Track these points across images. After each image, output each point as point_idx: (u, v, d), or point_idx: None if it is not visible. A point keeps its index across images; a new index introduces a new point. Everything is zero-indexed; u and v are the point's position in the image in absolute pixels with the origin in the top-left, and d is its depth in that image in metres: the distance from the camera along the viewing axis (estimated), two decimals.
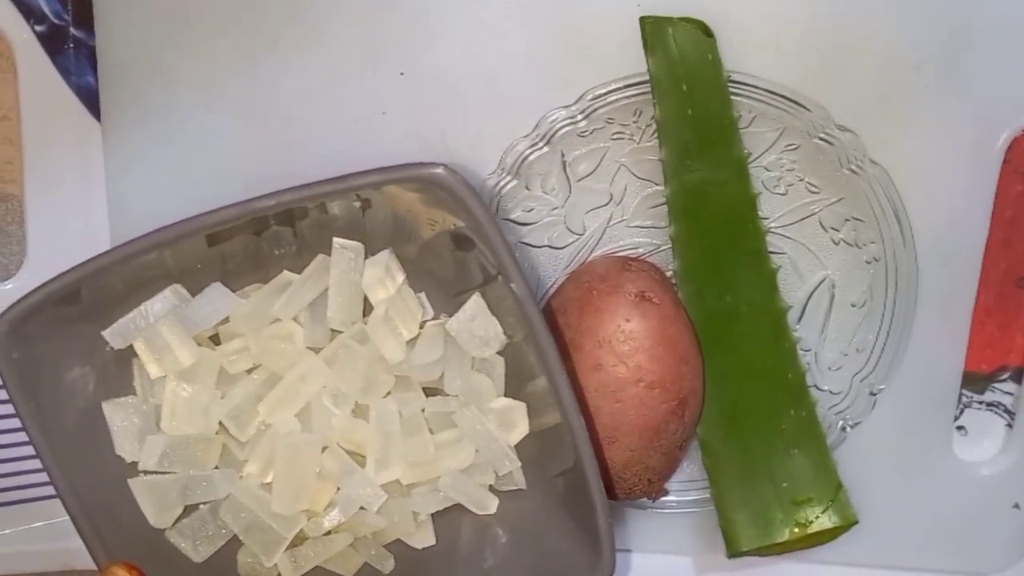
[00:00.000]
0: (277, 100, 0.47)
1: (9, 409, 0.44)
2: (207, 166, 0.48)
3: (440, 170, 0.42)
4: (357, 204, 0.45)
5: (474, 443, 0.45)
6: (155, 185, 0.48)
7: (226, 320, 0.46)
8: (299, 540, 0.47)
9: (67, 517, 0.45)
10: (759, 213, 0.46)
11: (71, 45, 0.48)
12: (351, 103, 0.46)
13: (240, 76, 0.46)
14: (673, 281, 0.47)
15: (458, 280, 0.46)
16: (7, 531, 0.52)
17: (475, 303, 0.45)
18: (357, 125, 0.47)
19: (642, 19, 0.44)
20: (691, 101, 0.44)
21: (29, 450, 0.47)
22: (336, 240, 0.45)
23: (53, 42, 0.47)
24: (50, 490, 0.47)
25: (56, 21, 0.47)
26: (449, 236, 0.45)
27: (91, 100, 0.48)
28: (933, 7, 0.44)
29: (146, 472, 0.46)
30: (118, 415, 0.46)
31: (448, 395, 0.46)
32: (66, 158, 0.48)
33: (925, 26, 0.44)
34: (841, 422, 0.48)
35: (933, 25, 0.44)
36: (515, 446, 0.46)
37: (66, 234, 0.49)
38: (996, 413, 0.50)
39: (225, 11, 0.46)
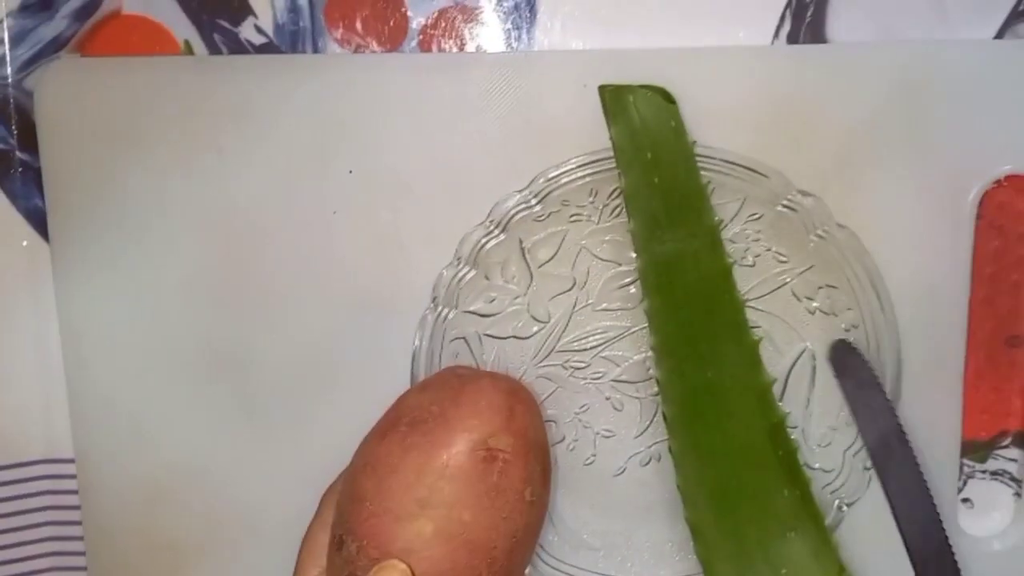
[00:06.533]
0: (228, 207, 0.46)
1: None
2: (160, 281, 0.47)
3: None
4: None
5: None
6: (107, 304, 0.47)
7: None
8: None
9: None
10: (735, 283, 0.44)
11: (18, 169, 0.47)
12: (302, 205, 0.46)
13: (189, 188, 0.46)
14: (647, 363, 0.45)
15: None
16: None
17: None
18: (310, 226, 0.46)
19: (601, 88, 0.43)
20: (657, 169, 0.43)
21: None
22: None
23: None
24: None
25: (1, 146, 0.47)
26: None
27: (40, 223, 0.47)
28: (889, 69, 0.44)
29: None
30: None
31: None
32: (17, 284, 0.48)
33: (881, 85, 0.44)
34: (837, 501, 0.46)
35: (889, 84, 0.44)
36: None
37: (18, 364, 0.48)
38: (1002, 482, 0.47)
39: (168, 125, 0.45)
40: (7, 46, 0.46)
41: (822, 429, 0.46)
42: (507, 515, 0.41)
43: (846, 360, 0.45)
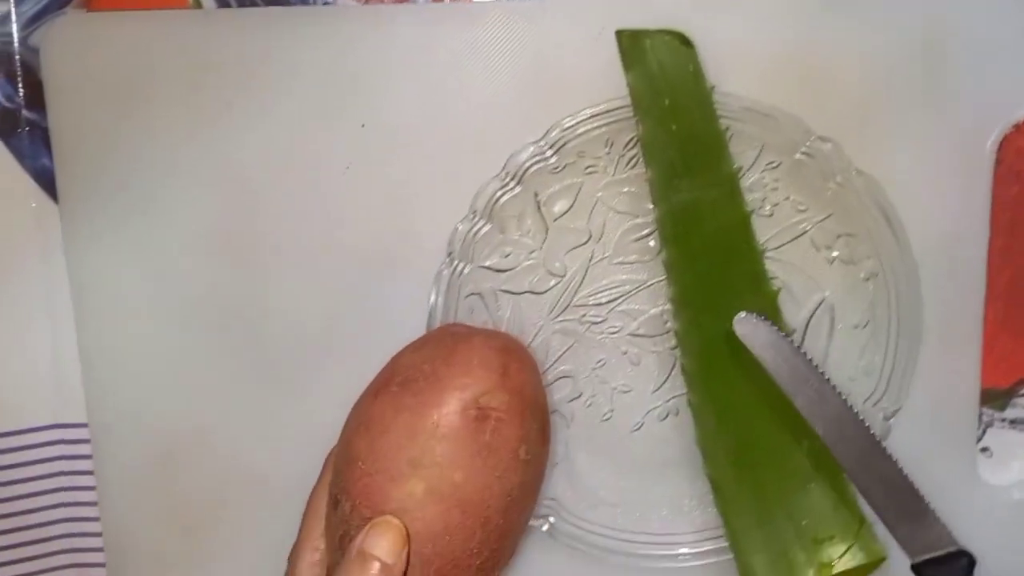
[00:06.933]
0: (238, 164, 0.45)
1: None
2: (170, 241, 0.46)
3: None
4: None
5: None
6: (118, 265, 0.46)
7: None
8: None
9: None
10: (753, 233, 0.44)
11: (25, 128, 0.46)
12: (313, 159, 0.45)
13: (197, 144, 0.45)
14: (664, 317, 0.45)
15: None
16: None
17: None
18: (321, 182, 0.45)
19: (618, 32, 0.43)
20: (674, 116, 0.43)
21: None
22: None
23: (6, 126, 0.46)
24: None
25: (8, 105, 0.46)
26: None
27: (48, 183, 0.47)
28: (907, 14, 0.43)
29: None
30: None
31: None
32: (26, 244, 0.47)
33: (899, 31, 0.43)
34: None
35: (908, 29, 0.43)
36: None
37: (28, 328, 0.47)
38: (1021, 430, 0.47)
39: (177, 81, 0.45)
40: (12, 2, 0.45)
41: (841, 379, 0.45)
42: (501, 474, 0.40)
43: (753, 330, 0.43)
